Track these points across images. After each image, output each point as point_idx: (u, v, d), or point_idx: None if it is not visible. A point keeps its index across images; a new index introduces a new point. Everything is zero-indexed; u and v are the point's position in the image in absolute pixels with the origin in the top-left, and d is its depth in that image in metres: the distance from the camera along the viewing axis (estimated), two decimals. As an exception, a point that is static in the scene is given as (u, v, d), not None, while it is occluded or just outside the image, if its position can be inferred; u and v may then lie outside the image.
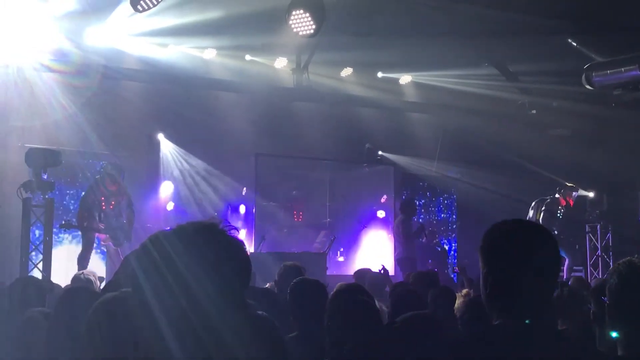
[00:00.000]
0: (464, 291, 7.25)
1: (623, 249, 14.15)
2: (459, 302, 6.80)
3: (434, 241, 16.54)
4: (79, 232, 12.07)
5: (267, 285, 7.19)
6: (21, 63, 11.78)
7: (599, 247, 15.10)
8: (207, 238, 1.98)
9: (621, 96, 13.93)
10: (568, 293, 5.48)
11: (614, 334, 3.62)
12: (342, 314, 4.19)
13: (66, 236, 13.59)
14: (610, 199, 15.35)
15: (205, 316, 1.88)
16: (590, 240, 15.32)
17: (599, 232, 15.22)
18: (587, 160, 15.19)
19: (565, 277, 13.28)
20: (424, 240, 15.08)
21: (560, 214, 14.11)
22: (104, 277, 11.28)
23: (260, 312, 2.53)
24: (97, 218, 11.62)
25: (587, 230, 15.45)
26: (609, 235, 15.17)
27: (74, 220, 11.78)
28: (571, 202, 14.23)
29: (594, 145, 15.61)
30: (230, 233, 2.04)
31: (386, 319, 5.55)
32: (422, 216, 17.72)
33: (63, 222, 11.73)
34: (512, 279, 2.48)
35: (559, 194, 14.20)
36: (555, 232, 13.77)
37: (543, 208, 13.95)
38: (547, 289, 2.53)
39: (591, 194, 15.77)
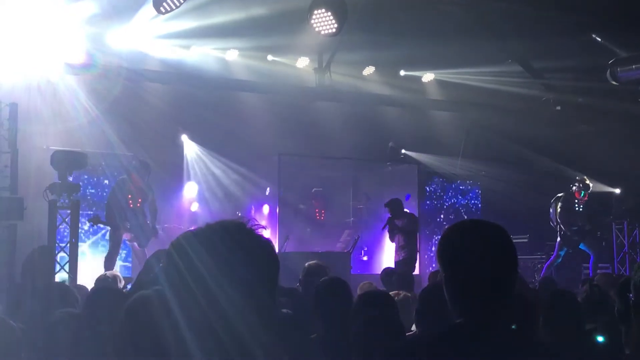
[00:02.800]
0: None
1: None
2: None
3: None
4: (101, 233, 12.13)
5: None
6: (45, 66, 11.86)
7: (626, 243, 14.95)
8: (229, 240, 1.95)
9: (647, 91, 13.80)
10: (598, 292, 5.42)
11: (600, 338, 3.58)
12: (364, 326, 4.17)
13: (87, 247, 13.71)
14: (637, 195, 15.18)
15: (227, 320, 1.86)
16: (617, 236, 15.17)
17: (625, 228, 15.06)
18: (613, 157, 15.04)
19: (591, 274, 13.16)
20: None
21: (578, 207, 13.97)
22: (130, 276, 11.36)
23: (285, 311, 2.51)
24: (124, 216, 11.66)
25: (614, 226, 15.29)
26: (636, 231, 15.02)
27: (103, 216, 11.81)
28: (584, 198, 14.07)
29: (620, 142, 15.45)
30: (257, 233, 2.00)
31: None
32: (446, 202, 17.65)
33: (92, 217, 11.73)
34: (468, 280, 2.50)
35: (574, 187, 14.06)
36: (579, 225, 13.66)
37: (560, 205, 13.86)
38: (504, 286, 2.53)
39: (617, 191, 15.62)
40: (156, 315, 2.09)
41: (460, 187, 18.11)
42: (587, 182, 14.12)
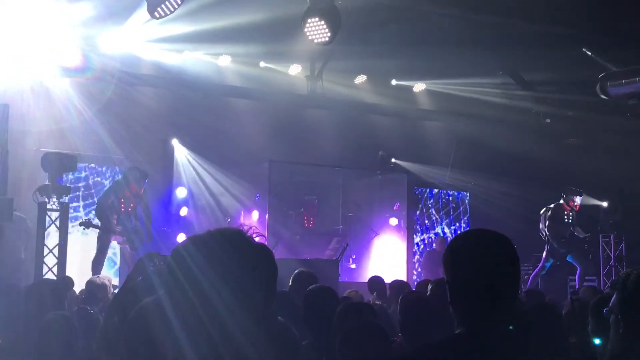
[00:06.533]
0: None
1: (636, 258, 14.09)
2: None
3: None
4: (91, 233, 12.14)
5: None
6: (38, 68, 11.85)
7: (612, 256, 15.03)
8: (229, 247, 1.97)
9: (636, 106, 13.88)
10: (579, 306, 5.48)
11: (597, 341, 3.59)
12: (348, 338, 4.20)
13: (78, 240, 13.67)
14: (624, 209, 15.28)
15: (223, 326, 1.87)
16: (604, 249, 15.26)
17: (612, 241, 15.15)
18: (601, 170, 15.13)
19: (577, 286, 13.22)
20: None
21: (568, 218, 14.01)
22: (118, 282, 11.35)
23: (280, 319, 2.53)
24: (115, 220, 11.64)
25: (600, 239, 15.37)
26: (623, 245, 15.10)
27: (94, 220, 11.84)
28: (576, 207, 14.11)
29: (608, 155, 15.55)
30: (255, 241, 2.02)
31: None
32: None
33: (83, 220, 11.76)
34: (471, 290, 2.51)
35: (562, 199, 14.12)
36: (567, 237, 13.72)
37: (549, 215, 13.89)
38: (505, 297, 2.54)
39: (605, 204, 15.70)
40: (153, 322, 2.11)
41: (449, 197, 18.17)
42: (577, 189, 14.19)
